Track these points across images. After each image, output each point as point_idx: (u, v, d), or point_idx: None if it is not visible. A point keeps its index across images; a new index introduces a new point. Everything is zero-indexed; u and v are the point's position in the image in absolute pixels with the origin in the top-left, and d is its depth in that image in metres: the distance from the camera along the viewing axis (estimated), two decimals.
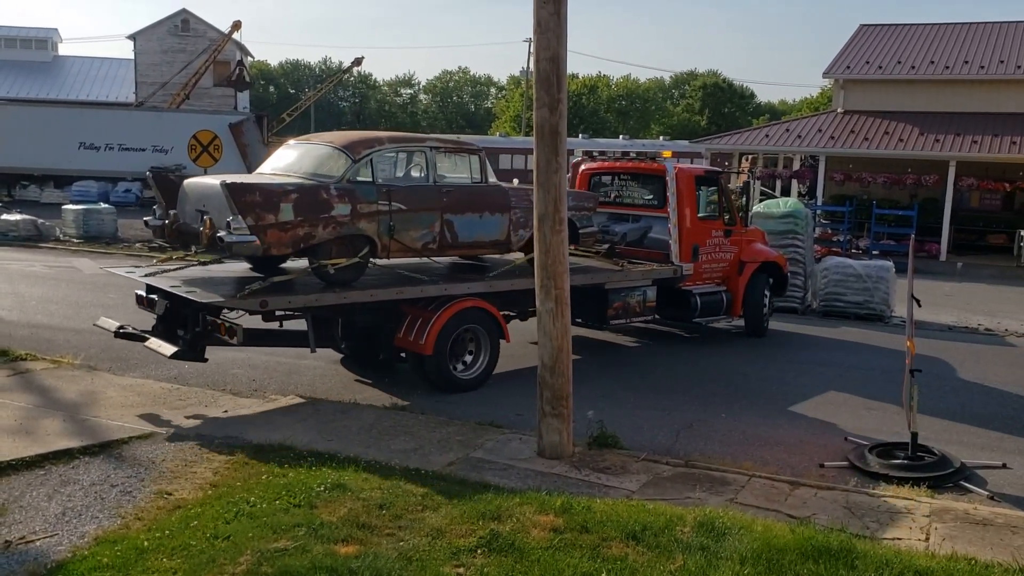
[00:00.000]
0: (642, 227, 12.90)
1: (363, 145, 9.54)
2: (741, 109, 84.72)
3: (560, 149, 7.25)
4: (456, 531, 5.37)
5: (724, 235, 13.00)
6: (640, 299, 11.86)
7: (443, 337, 9.51)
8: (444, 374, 9.66)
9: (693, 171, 13.19)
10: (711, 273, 12.90)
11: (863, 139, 27.78)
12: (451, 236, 10.02)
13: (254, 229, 8.48)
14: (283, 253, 9.07)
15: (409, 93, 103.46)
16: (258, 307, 8.52)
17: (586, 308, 11.61)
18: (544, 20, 7.02)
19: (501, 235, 10.53)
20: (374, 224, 9.33)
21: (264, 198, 8.61)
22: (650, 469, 7.19)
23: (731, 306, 13.05)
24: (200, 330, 8.85)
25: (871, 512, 6.38)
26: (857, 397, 10.16)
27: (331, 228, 8.98)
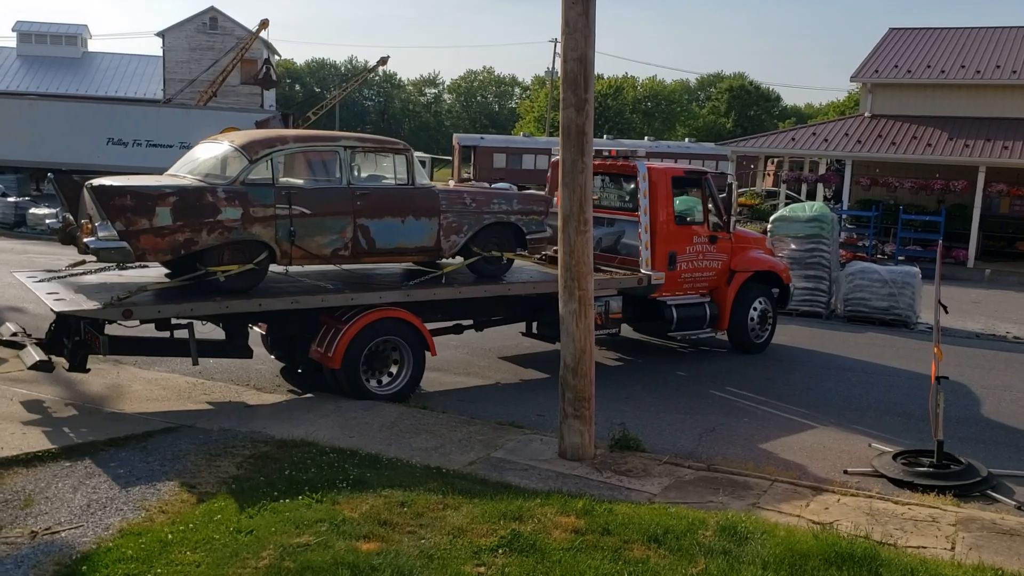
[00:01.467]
0: (616, 232, 11.89)
1: (262, 144, 8.89)
2: (767, 112, 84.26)
3: (586, 149, 7.24)
4: (477, 530, 5.37)
5: (709, 241, 11.92)
6: (601, 310, 10.59)
7: (354, 349, 8.89)
8: (356, 389, 9.01)
9: (670, 171, 11.94)
10: (694, 283, 11.88)
11: (891, 143, 27.53)
12: (367, 242, 9.27)
13: (125, 234, 7.99)
14: (162, 260, 8.56)
15: (433, 93, 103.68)
16: (121, 316, 8.00)
17: (538, 319, 11.17)
18: (572, 20, 7.01)
19: (428, 241, 9.70)
20: (270, 229, 8.66)
21: (136, 201, 8.08)
22: (672, 472, 7.16)
23: (716, 319, 12.01)
24: (80, 339, 8.36)
25: (895, 519, 6.32)
26: (882, 403, 10.07)
27: (218, 233, 8.38)
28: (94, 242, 8.02)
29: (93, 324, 8.21)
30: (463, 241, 9.98)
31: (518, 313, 11.21)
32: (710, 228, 12.04)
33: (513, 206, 10.41)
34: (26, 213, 23.51)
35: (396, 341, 9.28)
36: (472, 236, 10.01)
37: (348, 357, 8.86)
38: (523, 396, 9.60)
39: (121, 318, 8.05)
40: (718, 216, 12.15)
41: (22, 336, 8.90)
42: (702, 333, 12.19)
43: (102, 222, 7.95)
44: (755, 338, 12.51)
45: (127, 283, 8.80)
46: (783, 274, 12.98)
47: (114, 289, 8.50)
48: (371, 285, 9.73)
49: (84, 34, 54.95)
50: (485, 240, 10.16)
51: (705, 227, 12.00)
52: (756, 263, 12.54)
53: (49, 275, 9.34)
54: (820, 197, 29.25)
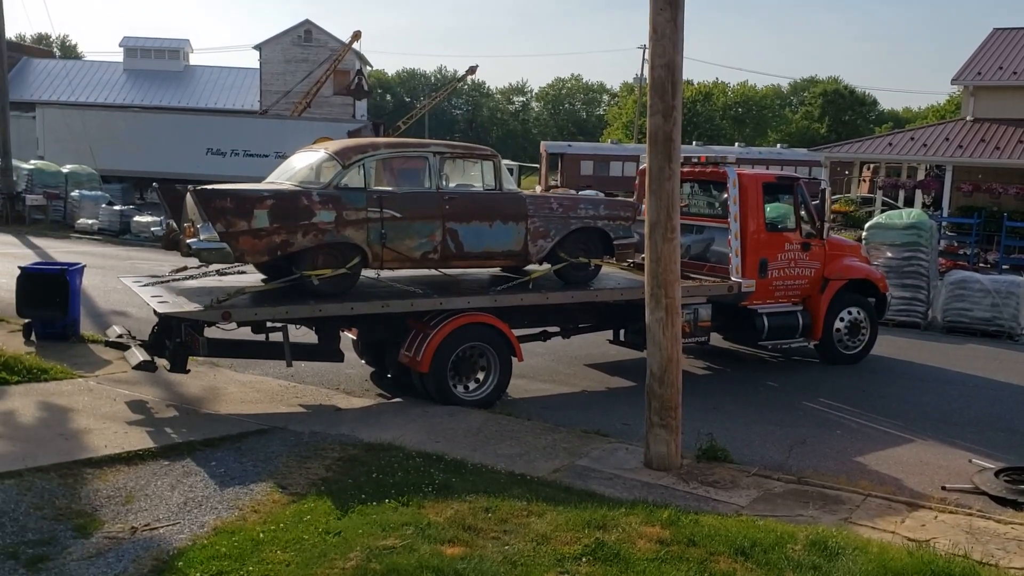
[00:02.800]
0: (705, 239, 11.75)
1: (354, 151, 9.18)
2: (862, 117, 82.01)
3: (674, 156, 7.19)
4: (561, 538, 5.37)
5: (802, 248, 11.62)
6: (690, 318, 10.47)
7: (442, 354, 8.96)
8: (443, 394, 9.08)
9: (761, 177, 11.79)
10: (785, 291, 11.60)
11: (994, 148, 26.48)
12: (455, 246, 9.40)
13: (225, 236, 8.33)
14: (259, 261, 8.88)
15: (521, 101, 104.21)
16: (220, 318, 8.26)
17: (625, 327, 11.11)
18: (660, 26, 6.97)
19: (516, 245, 9.76)
20: (363, 232, 8.89)
21: (236, 204, 8.43)
22: (761, 484, 7.02)
23: (809, 328, 11.66)
24: (180, 341, 8.64)
25: (997, 539, 6.06)
26: (983, 418, 9.68)
27: (312, 235, 8.66)
28: (196, 243, 8.39)
29: (193, 326, 8.52)
30: (550, 246, 10.00)
31: (606, 320, 11.14)
32: (803, 235, 11.74)
33: (600, 212, 10.44)
34: (130, 221, 24.48)
35: (483, 347, 9.32)
36: (559, 241, 10.04)
37: (436, 362, 8.95)
38: (609, 404, 9.55)
39: (220, 320, 8.30)
40: (811, 223, 11.83)
41: (127, 338, 9.26)
42: (794, 343, 11.86)
43: (204, 224, 8.30)
44: (843, 348, 12.10)
45: (226, 287, 9.08)
46: (880, 283, 12.56)
47: (214, 293, 8.77)
48: (459, 290, 9.83)
49: (186, 48, 57.09)
50: (572, 246, 10.17)
51: (797, 234, 11.72)
52: (851, 271, 12.17)
53: (153, 280, 9.72)
54: (918, 204, 28.34)
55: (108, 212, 24.98)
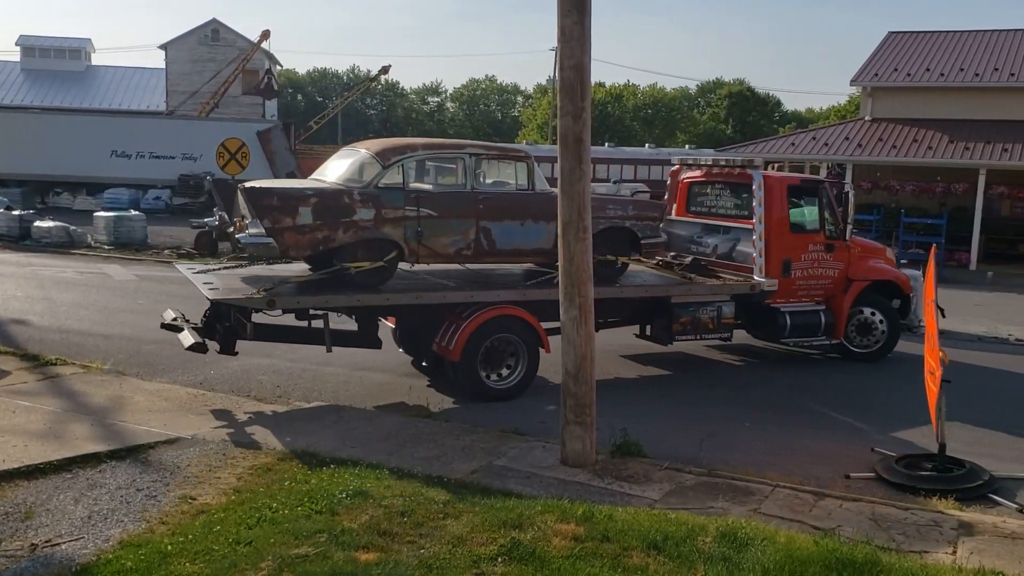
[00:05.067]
0: (731, 239, 12.15)
1: (394, 152, 9.63)
2: (767, 117, 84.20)
3: (584, 157, 7.25)
4: (477, 539, 5.37)
5: (826, 249, 11.96)
6: (713, 315, 11.13)
7: (472, 344, 9.44)
8: (474, 382, 9.60)
9: (786, 179, 12.23)
10: (809, 290, 11.97)
11: (891, 147, 27.51)
12: (488, 243, 9.89)
13: (271, 231, 8.85)
14: (302, 255, 9.40)
15: (436, 101, 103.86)
16: (266, 305, 8.81)
17: (651, 322, 11.51)
18: (568, 29, 7.03)
19: (546, 244, 10.12)
20: (400, 229, 9.39)
21: (282, 201, 8.97)
22: (673, 478, 7.15)
23: (832, 327, 12.01)
24: (230, 325, 9.12)
25: (898, 525, 6.30)
26: (884, 406, 10.05)
27: (352, 232, 9.16)
28: (244, 237, 8.99)
29: (242, 312, 9.02)
30: None
31: (634, 315, 11.60)
32: (827, 237, 12.08)
33: (628, 212, 10.92)
34: (31, 226, 23.53)
35: (512, 338, 9.77)
36: None
37: (467, 351, 9.42)
38: (528, 403, 9.59)
39: (266, 307, 8.87)
40: (834, 224, 12.18)
41: (181, 321, 9.71)
42: (815, 341, 12.25)
43: (252, 220, 8.90)
44: (855, 347, 12.47)
45: (273, 276, 9.65)
46: (904, 284, 12.83)
47: (261, 282, 9.36)
48: (490, 284, 10.32)
49: (87, 48, 55.17)
50: (601, 244, 10.37)
51: (822, 236, 12.06)
52: (874, 272, 12.50)
53: (207, 268, 10.46)
54: None
55: (6, 217, 23.95)
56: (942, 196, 27.18)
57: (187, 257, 21.88)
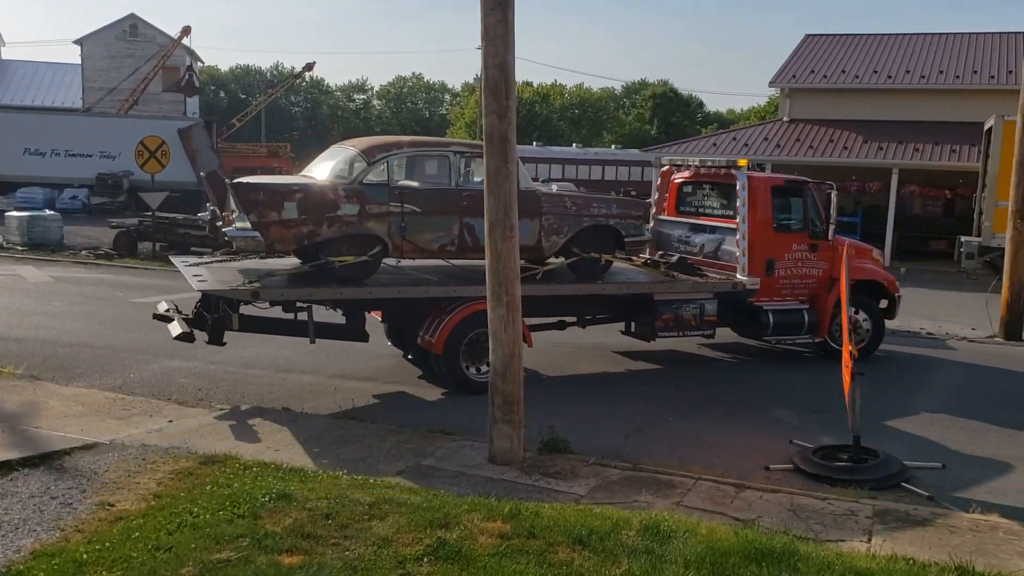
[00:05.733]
0: (717, 239, 12.38)
1: (380, 149, 9.90)
2: (690, 118, 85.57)
3: (510, 156, 7.28)
4: (403, 540, 5.34)
5: (810, 249, 12.17)
6: (696, 312, 11.31)
7: (455, 337, 9.69)
8: (456, 374, 9.87)
9: (770, 180, 12.48)
10: (792, 289, 12.19)
11: (808, 147, 28.27)
12: (471, 239, 10.08)
13: (257, 225, 9.18)
14: (288, 248, 9.68)
15: (362, 98, 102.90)
16: (250, 296, 9.06)
17: (634, 319, 11.68)
18: (491, 27, 7.04)
19: (530, 240, 10.33)
20: (384, 225, 9.65)
21: (268, 197, 9.28)
22: (599, 473, 7.23)
23: (815, 326, 12.19)
24: (218, 316, 9.35)
25: (815, 514, 6.48)
26: (802, 400, 10.31)
27: (337, 227, 9.45)
28: (231, 231, 9.37)
29: (229, 303, 9.28)
30: (563, 242, 10.69)
31: (618, 312, 11.80)
32: (811, 236, 12.26)
33: (612, 210, 11.12)
34: None
35: None
36: (572, 237, 10.74)
37: (449, 344, 9.68)
38: (456, 402, 9.59)
39: (250, 298, 9.10)
40: (818, 225, 12.36)
41: (173, 312, 9.94)
42: (799, 339, 12.47)
43: (239, 214, 9.25)
44: (839, 345, 12.36)
45: (259, 269, 9.96)
46: (889, 284, 13.01)
47: (250, 275, 9.60)
48: (473, 279, 10.26)
49: None
50: (585, 242, 10.82)
51: (805, 235, 12.25)
52: (858, 272, 12.52)
53: (201, 261, 10.76)
54: None
55: None
56: (857, 195, 28.06)
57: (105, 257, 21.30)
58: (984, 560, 5.58)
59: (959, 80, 29.10)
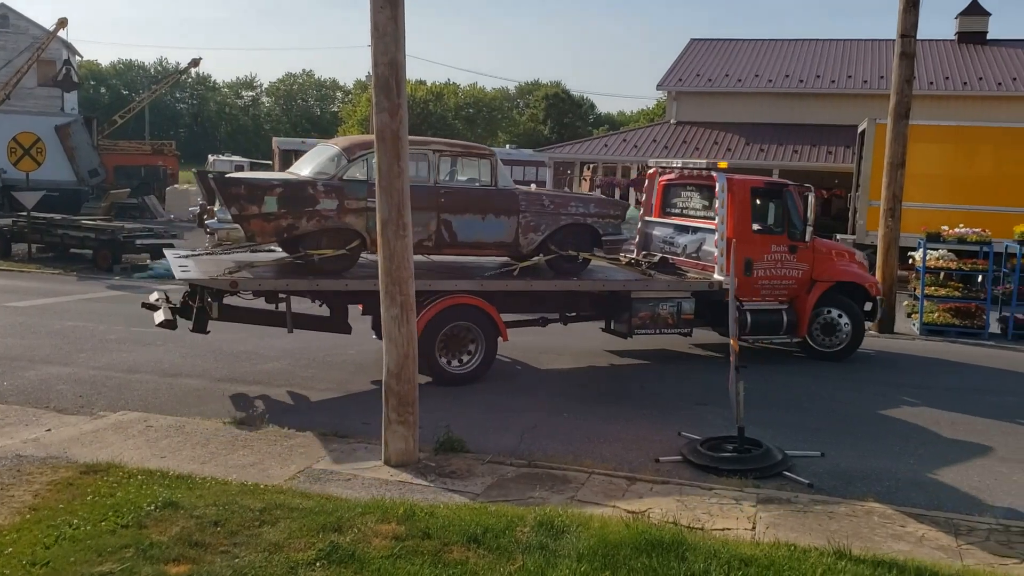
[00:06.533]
0: (698, 239, 12.57)
1: (360, 147, 10.22)
2: (582, 119, 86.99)
3: (402, 154, 7.24)
4: (295, 545, 5.25)
5: (789, 251, 12.38)
6: (673, 311, 11.52)
7: (431, 330, 9.99)
8: (432, 366, 10.16)
9: (749, 182, 12.56)
10: (772, 290, 12.40)
11: (694, 148, 29.09)
12: (449, 235, 10.45)
13: (238, 218, 9.63)
14: (268, 241, 10.11)
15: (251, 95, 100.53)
16: (228, 286, 9.48)
17: (613, 316, 11.89)
18: (382, 25, 6.99)
19: (507, 237, 10.78)
20: (362, 219, 9.92)
21: (248, 191, 9.64)
22: (495, 471, 7.27)
23: (794, 326, 12.45)
24: (201, 306, 9.67)
25: (703, 504, 6.67)
26: (691, 394, 10.58)
27: (315, 221, 9.81)
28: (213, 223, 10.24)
29: (213, 293, 9.64)
30: (540, 239, 11.01)
31: (597, 310, 11.97)
32: (790, 238, 12.43)
33: (590, 209, 11.39)
34: None
35: (471, 326, 10.36)
36: (549, 235, 11.06)
37: (425, 336, 9.75)
38: (348, 404, 9.47)
39: (228, 288, 9.52)
40: (797, 227, 12.51)
41: (161, 301, 10.34)
42: (777, 339, 12.73)
43: (221, 207, 9.91)
44: (819, 346, 12.85)
45: (240, 260, 10.30)
46: (870, 286, 13.19)
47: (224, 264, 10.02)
48: (451, 274, 10.73)
49: None
50: (563, 240, 11.14)
51: (784, 237, 12.43)
52: (838, 273, 12.81)
53: (191, 252, 11.13)
54: (632, 201, 30.52)
55: None
56: None
57: None
58: (860, 543, 5.87)
59: (835, 85, 30.44)
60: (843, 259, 13.31)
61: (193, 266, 10.12)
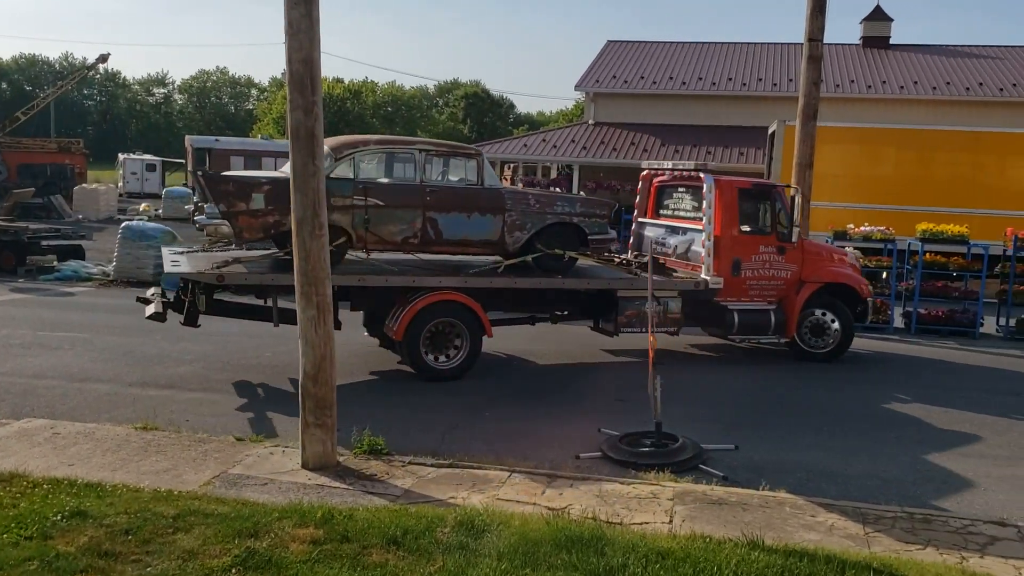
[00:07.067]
0: (688, 240, 12.63)
1: (347, 146, 10.53)
2: (502, 119, 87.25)
3: (317, 152, 7.14)
4: (210, 552, 5.14)
5: (778, 252, 12.49)
6: (660, 310, 11.55)
7: (415, 326, 10.27)
8: (417, 361, 10.46)
9: (737, 183, 12.66)
10: (760, 290, 12.50)
11: (612, 149, 29.44)
12: (435, 233, 10.68)
13: (226, 214, 9.95)
14: (255, 237, 10.33)
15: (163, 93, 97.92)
16: (215, 280, 9.82)
17: (599, 314, 12.03)
18: (295, 21, 6.88)
19: (493, 235, 11.01)
20: (348, 216, 10.25)
21: (237, 188, 9.99)
22: (415, 472, 7.23)
23: (782, 326, 12.52)
24: (192, 300, 10.02)
25: (622, 499, 6.75)
26: (611, 391, 10.71)
27: None
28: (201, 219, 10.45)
29: (204, 288, 10.10)
30: (526, 237, 11.18)
31: (586, 308, 12.15)
32: (778, 239, 12.51)
33: (576, 209, 11.58)
34: None
35: (456, 322, 10.56)
36: (535, 234, 11.24)
37: (409, 332, 10.26)
38: (263, 407, 9.30)
39: (215, 281, 9.87)
40: (785, 227, 12.57)
41: (156, 296, 10.82)
42: (764, 339, 12.86)
43: (210, 204, 10.08)
44: (809, 347, 12.88)
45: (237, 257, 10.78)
46: (860, 288, 13.16)
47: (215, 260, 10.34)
48: (436, 271, 10.94)
49: None
50: (549, 239, 11.29)
51: (773, 237, 12.53)
52: (827, 275, 12.84)
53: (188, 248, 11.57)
54: None
55: None
56: None
57: None
58: (773, 534, 6.03)
59: (746, 87, 31.20)
60: (833, 260, 13.33)
61: (184, 261, 10.49)
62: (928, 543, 6.07)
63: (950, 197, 21.12)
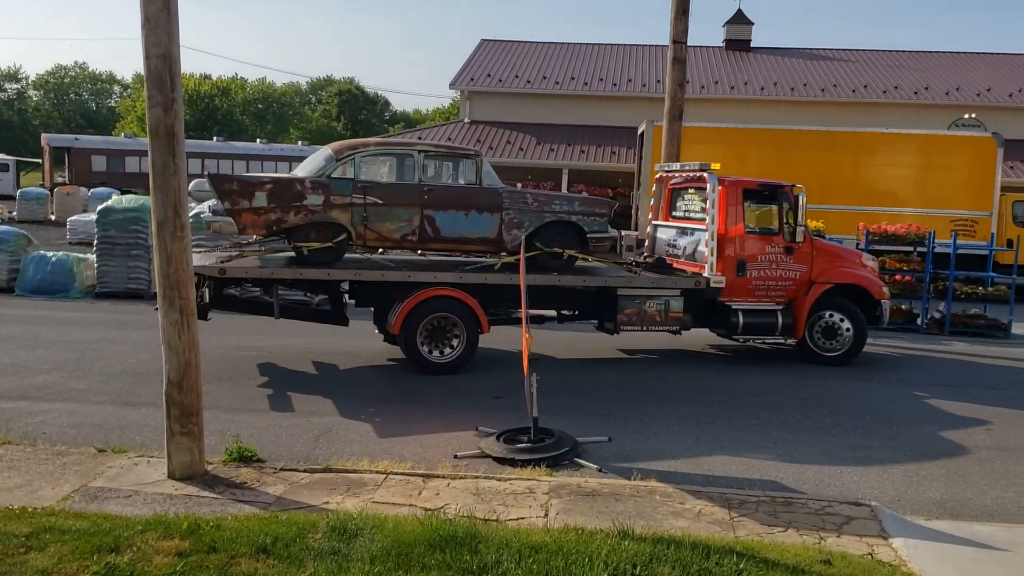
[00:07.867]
0: (695, 240, 12.58)
1: (348, 148, 11.04)
2: (377, 116, 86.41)
3: (178, 151, 6.87)
4: (66, 570, 4.89)
5: (785, 252, 12.40)
6: (660, 308, 11.66)
7: (412, 320, 10.70)
8: (414, 355, 10.89)
9: (741, 183, 12.60)
10: (767, 290, 12.41)
11: (488, 147, 29.58)
12: (432, 231, 11.06)
13: (230, 212, 10.41)
14: (258, 234, 10.81)
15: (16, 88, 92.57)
16: (217, 272, 10.28)
17: (599, 312, 12.14)
18: (153, 16, 6.61)
19: (490, 233, 11.30)
20: (347, 214, 10.72)
21: (240, 187, 10.48)
22: (287, 479, 7.07)
23: (790, 328, 12.41)
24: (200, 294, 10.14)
25: (499, 496, 6.79)
26: (490, 388, 10.73)
27: (302, 215, 10.60)
28: (207, 216, 10.73)
29: (214, 283, 10.57)
30: (524, 236, 11.36)
31: (587, 307, 12.25)
32: (786, 239, 12.43)
33: (575, 207, 11.72)
34: None
35: (453, 318, 10.90)
36: (533, 232, 11.47)
37: (406, 327, 10.69)
38: (129, 417, 8.91)
39: (217, 274, 10.36)
40: (791, 226, 12.44)
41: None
42: (771, 339, 12.88)
43: (216, 202, 10.62)
44: (820, 350, 12.71)
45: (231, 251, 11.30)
46: (873, 289, 12.89)
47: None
48: (432, 267, 11.24)
49: None
50: (548, 237, 11.51)
51: (780, 237, 12.46)
52: (838, 275, 12.65)
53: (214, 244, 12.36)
54: None
55: None
56: None
57: None
58: (643, 522, 6.18)
59: (616, 88, 31.90)
60: (845, 261, 13.13)
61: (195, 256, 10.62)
62: (789, 525, 6.35)
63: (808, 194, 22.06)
